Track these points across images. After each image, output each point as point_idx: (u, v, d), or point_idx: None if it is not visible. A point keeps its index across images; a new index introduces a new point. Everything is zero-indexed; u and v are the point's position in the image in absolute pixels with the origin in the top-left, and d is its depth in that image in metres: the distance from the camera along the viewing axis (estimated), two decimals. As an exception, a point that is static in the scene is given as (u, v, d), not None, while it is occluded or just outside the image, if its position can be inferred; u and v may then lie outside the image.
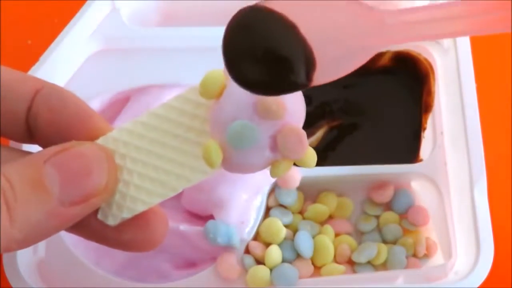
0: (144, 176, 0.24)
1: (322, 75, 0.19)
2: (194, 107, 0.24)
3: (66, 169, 0.22)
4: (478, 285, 0.35)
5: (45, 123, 0.25)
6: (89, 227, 0.25)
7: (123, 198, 0.24)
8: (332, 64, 0.19)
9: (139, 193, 0.24)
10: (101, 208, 0.24)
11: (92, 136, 0.24)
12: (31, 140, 0.26)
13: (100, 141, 0.24)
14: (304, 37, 0.18)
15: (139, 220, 0.24)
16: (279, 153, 0.23)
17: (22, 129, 0.25)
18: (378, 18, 0.19)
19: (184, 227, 0.39)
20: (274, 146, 0.22)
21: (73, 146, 0.23)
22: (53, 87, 0.25)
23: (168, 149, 0.24)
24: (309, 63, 0.19)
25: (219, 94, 0.23)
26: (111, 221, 0.24)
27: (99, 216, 0.24)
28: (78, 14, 0.43)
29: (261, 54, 0.19)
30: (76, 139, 0.24)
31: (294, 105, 0.22)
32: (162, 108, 0.24)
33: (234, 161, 0.23)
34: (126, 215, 0.24)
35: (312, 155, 0.23)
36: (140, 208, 0.24)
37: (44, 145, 0.25)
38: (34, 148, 0.26)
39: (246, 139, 0.22)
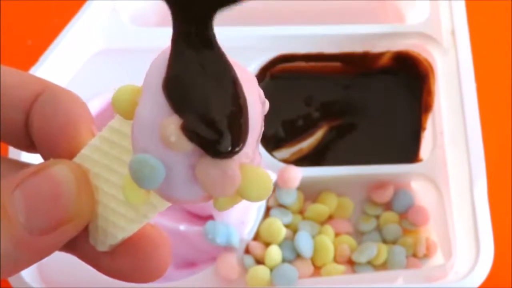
0: (117, 199, 0.21)
1: None
2: None
3: (32, 195, 0.20)
4: (478, 285, 0.35)
5: (37, 133, 0.23)
6: (82, 251, 0.22)
7: (106, 223, 0.21)
8: None
9: (118, 218, 0.21)
10: (90, 232, 0.22)
11: (75, 151, 0.22)
12: (35, 149, 0.23)
13: (76, 159, 0.22)
14: None
15: (132, 246, 0.22)
16: None
17: (23, 137, 0.23)
18: None
19: (184, 227, 0.39)
20: None
21: (46, 167, 0.21)
22: (53, 91, 0.23)
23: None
24: None
25: (131, 115, 0.19)
26: (100, 247, 0.22)
27: (90, 240, 0.22)
28: (78, 14, 0.43)
29: None
30: (60, 154, 0.22)
31: None
32: (116, 121, 0.21)
33: (162, 196, 0.18)
34: (111, 241, 0.21)
35: (256, 185, 0.17)
36: (120, 235, 0.21)
37: (42, 155, 0.23)
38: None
39: (147, 179, 0.18)
